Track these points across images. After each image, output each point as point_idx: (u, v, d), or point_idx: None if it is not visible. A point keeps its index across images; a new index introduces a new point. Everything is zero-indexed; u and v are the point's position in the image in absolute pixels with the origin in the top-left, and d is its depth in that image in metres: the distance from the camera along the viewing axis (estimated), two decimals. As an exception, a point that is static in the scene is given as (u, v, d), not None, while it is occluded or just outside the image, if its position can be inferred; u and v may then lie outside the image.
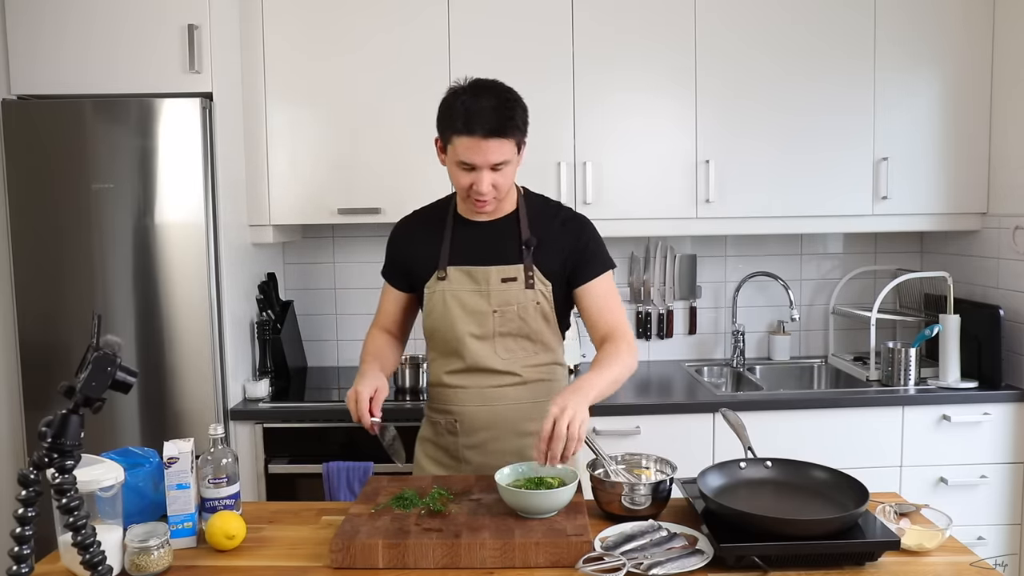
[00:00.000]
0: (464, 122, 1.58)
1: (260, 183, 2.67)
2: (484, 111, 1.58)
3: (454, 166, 1.64)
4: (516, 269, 1.72)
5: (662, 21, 2.67)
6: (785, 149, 2.72)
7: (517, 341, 1.75)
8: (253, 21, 2.63)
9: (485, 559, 1.33)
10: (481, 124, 1.57)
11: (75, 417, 1.09)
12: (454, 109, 1.60)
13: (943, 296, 2.70)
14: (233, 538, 1.41)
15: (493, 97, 1.60)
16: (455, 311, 1.73)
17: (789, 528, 1.31)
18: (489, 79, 1.66)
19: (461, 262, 1.74)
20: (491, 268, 1.72)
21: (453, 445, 1.78)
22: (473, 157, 1.60)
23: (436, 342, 1.79)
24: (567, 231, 1.76)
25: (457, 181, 1.66)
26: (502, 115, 1.59)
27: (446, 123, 1.63)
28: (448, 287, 1.73)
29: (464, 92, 1.62)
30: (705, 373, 3.01)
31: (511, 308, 1.72)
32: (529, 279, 1.72)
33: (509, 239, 1.74)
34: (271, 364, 2.75)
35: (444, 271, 1.74)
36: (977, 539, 2.55)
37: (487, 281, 1.72)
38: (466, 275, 1.73)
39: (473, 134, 1.58)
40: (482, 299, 1.72)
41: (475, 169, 1.61)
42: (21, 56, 2.39)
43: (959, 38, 2.71)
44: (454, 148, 1.61)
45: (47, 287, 2.37)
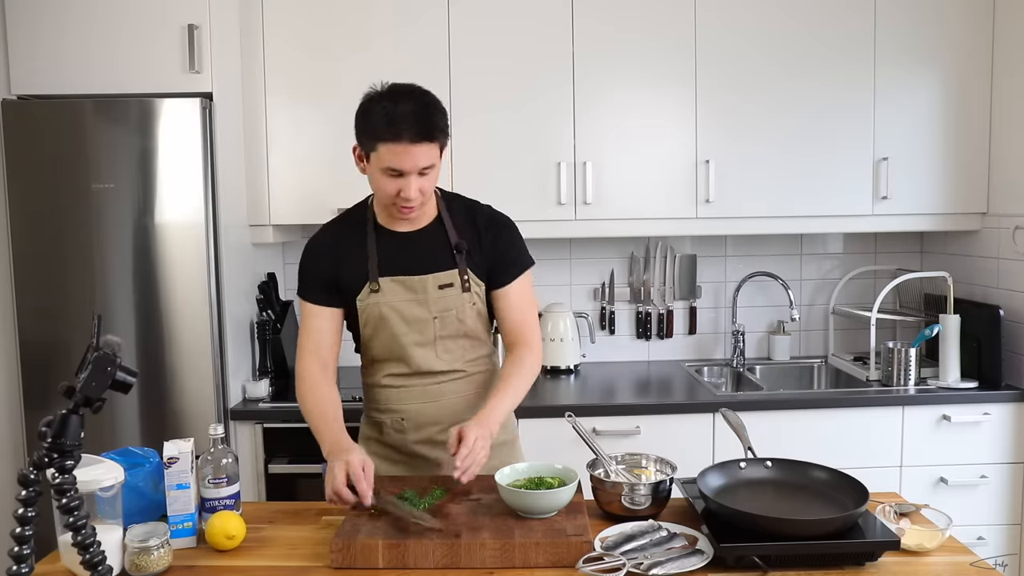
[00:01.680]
0: (389, 128, 1.54)
1: (260, 183, 2.67)
2: (407, 116, 1.54)
3: (379, 173, 1.60)
4: (451, 275, 1.72)
5: (662, 21, 2.68)
6: (785, 149, 2.72)
7: (456, 341, 1.76)
8: (253, 21, 2.63)
9: (485, 559, 1.33)
10: (407, 129, 1.54)
11: (75, 417, 1.09)
12: (376, 116, 1.56)
13: (943, 296, 2.70)
14: (233, 538, 1.41)
15: (413, 101, 1.57)
16: (394, 321, 1.71)
17: (789, 528, 1.31)
18: (406, 83, 1.62)
19: (394, 272, 1.70)
20: (427, 276, 1.70)
21: (402, 442, 1.79)
22: (402, 163, 1.56)
23: (375, 351, 1.77)
24: (489, 233, 1.76)
25: (383, 189, 1.62)
26: (426, 119, 1.56)
27: (369, 131, 1.58)
28: (383, 299, 1.70)
29: (384, 98, 1.58)
30: (705, 373, 3.01)
31: (450, 313, 1.72)
32: (465, 283, 1.72)
33: (439, 245, 1.73)
34: (271, 364, 2.75)
35: (377, 283, 1.70)
36: (977, 539, 2.55)
37: (424, 289, 1.70)
38: (401, 285, 1.70)
39: (400, 140, 1.54)
40: (421, 307, 1.71)
41: (402, 175, 1.58)
42: (21, 56, 2.39)
43: (959, 38, 2.71)
44: (379, 155, 1.58)
45: (47, 287, 2.37)
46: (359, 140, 1.63)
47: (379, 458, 1.81)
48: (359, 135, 1.63)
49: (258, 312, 2.77)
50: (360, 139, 1.63)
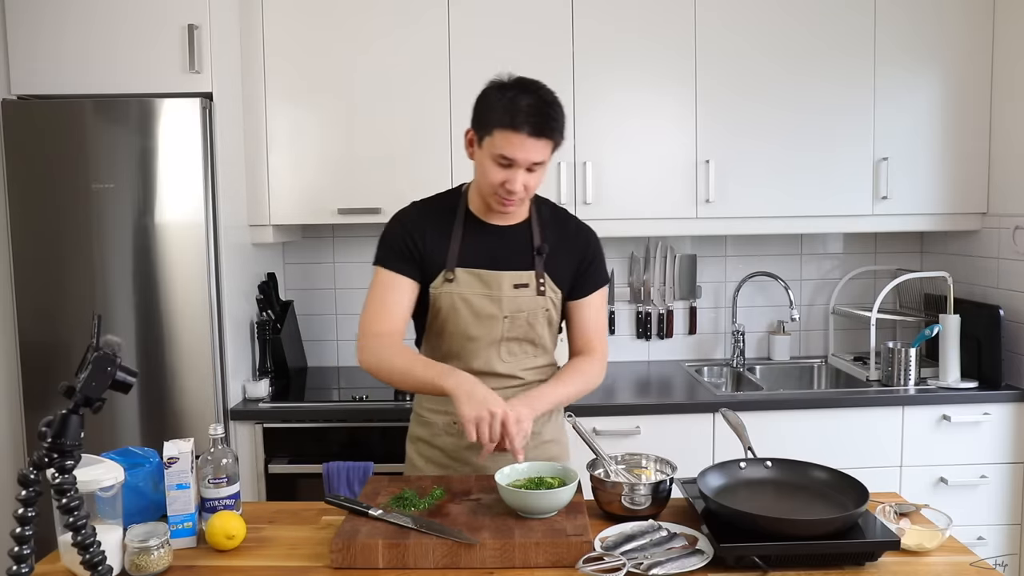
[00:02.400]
0: (512, 117, 1.55)
1: (260, 183, 2.67)
2: (530, 108, 1.55)
3: (489, 160, 1.59)
4: (528, 276, 1.70)
5: (662, 21, 2.68)
6: (785, 149, 2.72)
7: (520, 345, 1.75)
8: (253, 21, 2.63)
9: (485, 559, 1.32)
10: (527, 121, 1.54)
11: (75, 417, 1.09)
12: (499, 103, 1.57)
13: (943, 296, 2.70)
14: (233, 538, 1.41)
15: (537, 96, 1.58)
16: (464, 314, 1.68)
17: (789, 528, 1.31)
18: (531, 79, 1.63)
19: (471, 264, 1.69)
20: (504, 273, 1.68)
21: (451, 446, 1.77)
22: (515, 153, 1.56)
23: (438, 344, 1.76)
24: (578, 242, 1.76)
25: (489, 177, 1.60)
26: (547, 115, 1.57)
27: (488, 116, 1.59)
28: (456, 289, 1.68)
29: (510, 87, 1.59)
30: (705, 373, 3.01)
31: (521, 315, 1.70)
32: (540, 286, 1.71)
33: (521, 244, 1.72)
34: (271, 364, 2.75)
35: (452, 272, 1.68)
36: (977, 539, 2.55)
37: (499, 286, 1.68)
38: (476, 278, 1.68)
39: (519, 130, 1.55)
40: (493, 304, 1.68)
41: (512, 166, 1.58)
42: (21, 56, 2.39)
43: (959, 38, 2.71)
44: (493, 141, 1.57)
45: (47, 287, 2.37)
46: (475, 124, 1.63)
47: (427, 460, 1.79)
48: (476, 118, 1.63)
49: (258, 312, 2.77)
50: (476, 123, 1.63)
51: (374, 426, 2.49)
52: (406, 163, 2.67)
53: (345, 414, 2.50)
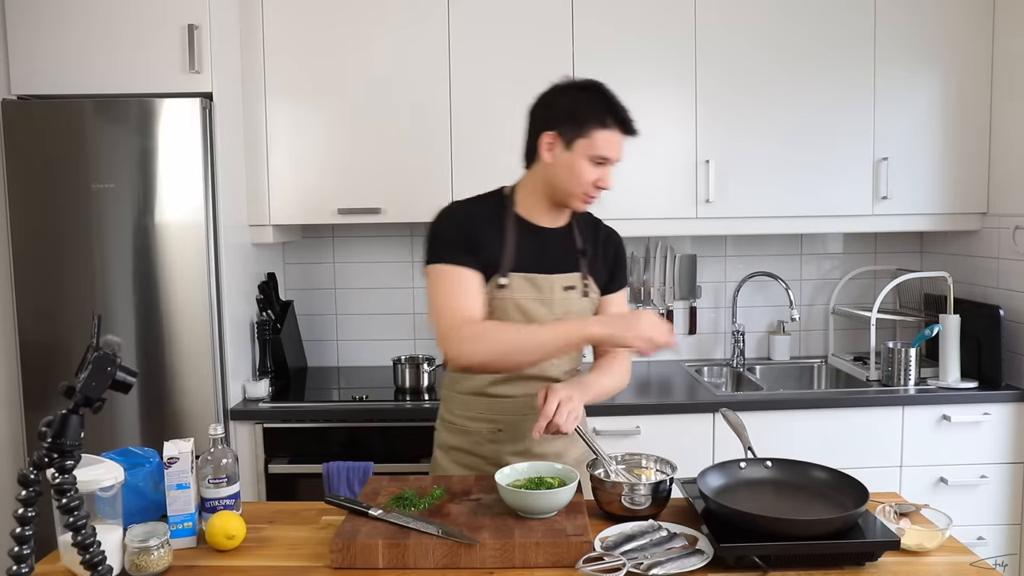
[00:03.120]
0: (614, 118, 1.59)
1: (260, 183, 2.67)
2: (618, 108, 1.60)
3: (583, 161, 1.61)
4: (575, 278, 1.72)
5: (662, 21, 2.68)
6: (785, 148, 2.72)
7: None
8: (253, 21, 2.63)
9: (485, 559, 1.32)
10: (626, 121, 1.60)
11: (75, 417, 1.09)
12: (594, 103, 1.60)
13: (943, 296, 2.70)
14: (233, 538, 1.41)
15: (616, 97, 1.62)
16: (517, 318, 1.67)
17: (789, 528, 1.31)
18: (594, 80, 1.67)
19: (524, 268, 1.68)
20: (554, 276, 1.69)
21: (495, 453, 1.74)
22: (614, 152, 1.61)
23: None
24: (608, 244, 1.81)
25: (582, 176, 1.62)
26: (630, 114, 1.63)
27: (583, 116, 1.60)
28: (510, 294, 1.66)
29: (593, 89, 1.62)
30: (705, 373, 3.01)
31: (570, 317, 1.70)
32: (585, 288, 1.73)
33: (566, 247, 1.74)
34: (271, 364, 2.75)
35: (507, 277, 1.66)
36: (977, 539, 2.55)
37: (551, 289, 1.69)
38: (529, 283, 1.68)
39: (617, 129, 1.60)
40: (544, 308, 1.68)
41: (605, 164, 1.62)
42: (21, 56, 2.39)
43: (959, 38, 2.71)
44: (591, 142, 1.60)
45: (47, 287, 2.37)
46: (562, 125, 1.62)
47: (465, 468, 1.76)
48: (564, 120, 1.62)
49: (258, 312, 2.77)
50: (565, 124, 1.62)
51: (374, 426, 2.49)
52: (406, 163, 2.67)
53: (345, 414, 2.50)
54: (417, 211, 2.70)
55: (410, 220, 2.71)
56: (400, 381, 2.69)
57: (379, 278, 3.11)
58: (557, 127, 1.63)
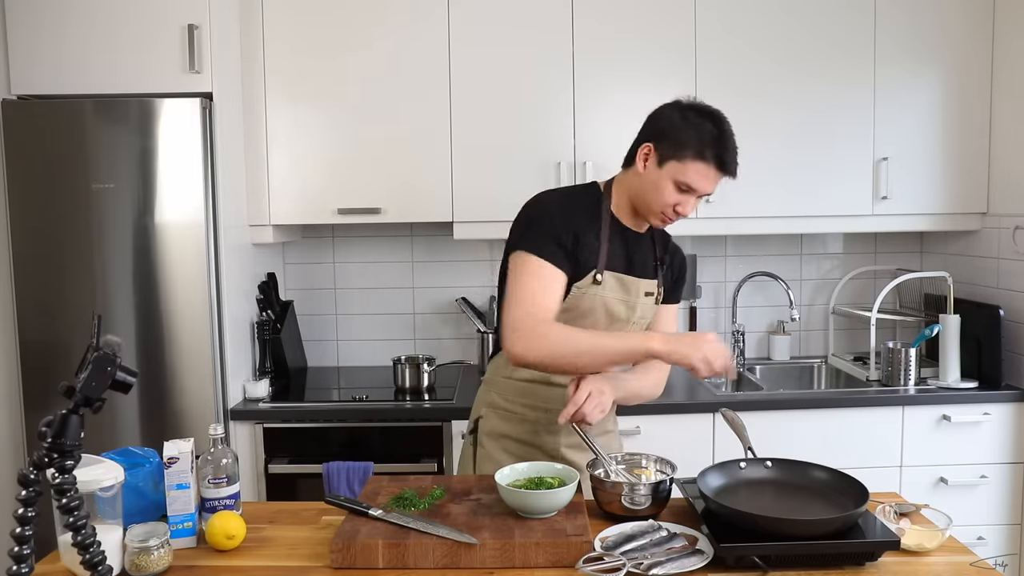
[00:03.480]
0: (715, 153, 1.57)
1: (260, 183, 2.67)
2: (724, 144, 1.58)
3: (668, 183, 1.60)
4: (653, 284, 1.75)
5: (662, 21, 2.68)
6: (785, 148, 2.72)
7: None
8: (253, 21, 2.63)
9: (485, 559, 1.32)
10: (728, 160, 1.58)
11: (75, 417, 1.09)
12: (702, 132, 1.57)
13: (943, 296, 2.70)
14: (233, 538, 1.41)
15: (724, 131, 1.59)
16: (601, 317, 1.69)
17: (789, 528, 1.31)
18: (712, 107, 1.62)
19: (616, 268, 1.69)
20: (640, 280, 1.72)
21: (552, 444, 1.76)
22: (701, 186, 1.59)
23: None
24: (675, 258, 1.83)
25: (662, 198, 1.62)
26: (735, 152, 1.61)
27: (686, 141, 1.58)
28: (602, 292, 1.68)
29: (698, 114, 1.59)
30: (705, 373, 3.01)
31: (643, 321, 1.76)
32: (659, 295, 1.77)
33: (649, 253, 1.76)
34: (271, 364, 2.75)
35: (602, 274, 1.67)
36: (977, 539, 2.55)
37: (636, 292, 1.71)
38: (619, 283, 1.70)
39: (715, 165, 1.58)
40: (627, 309, 1.71)
41: (691, 192, 1.61)
42: (21, 56, 2.39)
43: (959, 38, 2.71)
44: (684, 169, 1.58)
45: (47, 287, 2.37)
46: (659, 142, 1.61)
47: (516, 458, 1.75)
48: (666, 138, 1.60)
49: (258, 312, 2.77)
50: (665, 142, 1.60)
51: (374, 426, 2.49)
52: (406, 163, 2.67)
53: (345, 414, 2.50)
54: (417, 211, 2.70)
55: (410, 220, 2.72)
56: (400, 381, 2.69)
57: (379, 278, 3.11)
58: (657, 141, 1.62)
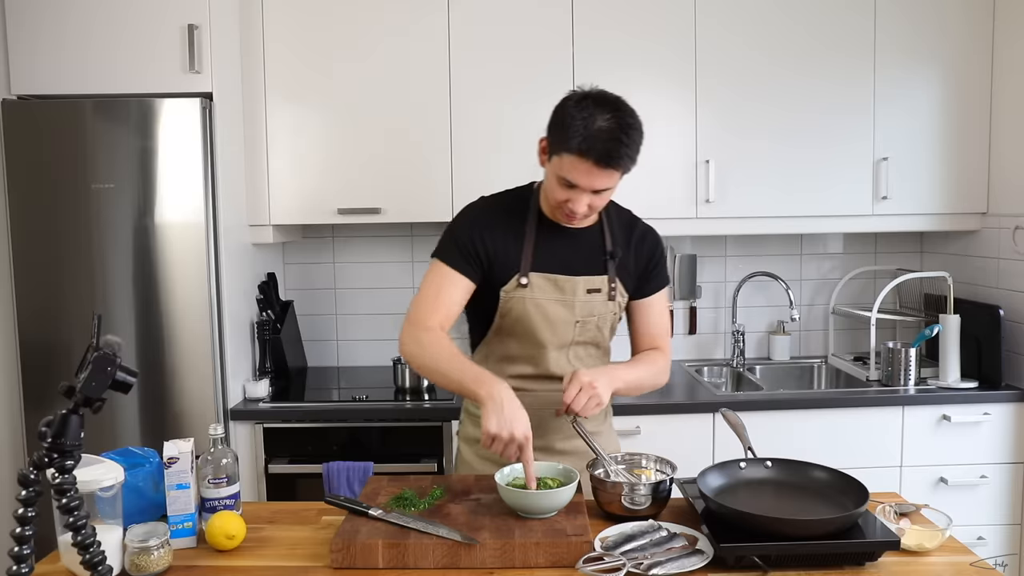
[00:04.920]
0: (580, 143, 1.48)
1: (260, 183, 2.67)
2: (603, 135, 1.47)
3: (554, 178, 1.57)
4: (601, 280, 1.69)
5: (662, 21, 2.68)
6: (785, 148, 2.72)
7: (587, 349, 1.74)
8: (253, 21, 2.63)
9: (485, 559, 1.32)
10: (597, 151, 1.48)
11: (75, 417, 1.09)
12: (572, 125, 1.49)
13: (943, 296, 2.70)
14: (233, 538, 1.41)
15: (614, 120, 1.49)
16: (537, 320, 1.66)
17: (789, 528, 1.31)
18: (613, 95, 1.54)
19: (546, 269, 1.66)
20: (578, 279, 1.67)
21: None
22: (579, 180, 1.52)
23: (504, 347, 1.72)
24: (644, 245, 1.76)
25: (553, 194, 1.59)
26: (620, 145, 1.49)
27: (560, 135, 1.52)
28: (530, 295, 1.65)
29: (586, 106, 1.50)
30: (705, 373, 3.01)
31: (592, 319, 1.70)
32: (612, 291, 1.70)
33: (594, 248, 1.70)
34: (271, 364, 2.75)
35: (527, 277, 1.64)
36: (977, 539, 2.55)
37: (573, 292, 1.67)
38: (551, 284, 1.66)
39: (586, 158, 1.49)
40: (566, 309, 1.67)
41: (575, 188, 1.55)
42: (21, 56, 2.39)
43: (959, 38, 2.71)
44: (560, 163, 1.53)
45: (47, 287, 2.37)
46: (548, 135, 1.58)
47: (488, 461, 1.75)
48: (550, 132, 1.57)
49: (258, 312, 2.77)
50: (550, 136, 1.57)
51: (374, 426, 2.49)
52: (406, 163, 2.67)
53: (345, 414, 2.50)
54: (417, 211, 2.70)
55: (410, 220, 2.72)
56: (400, 381, 2.69)
57: (379, 278, 3.11)
58: (548, 134, 1.59)
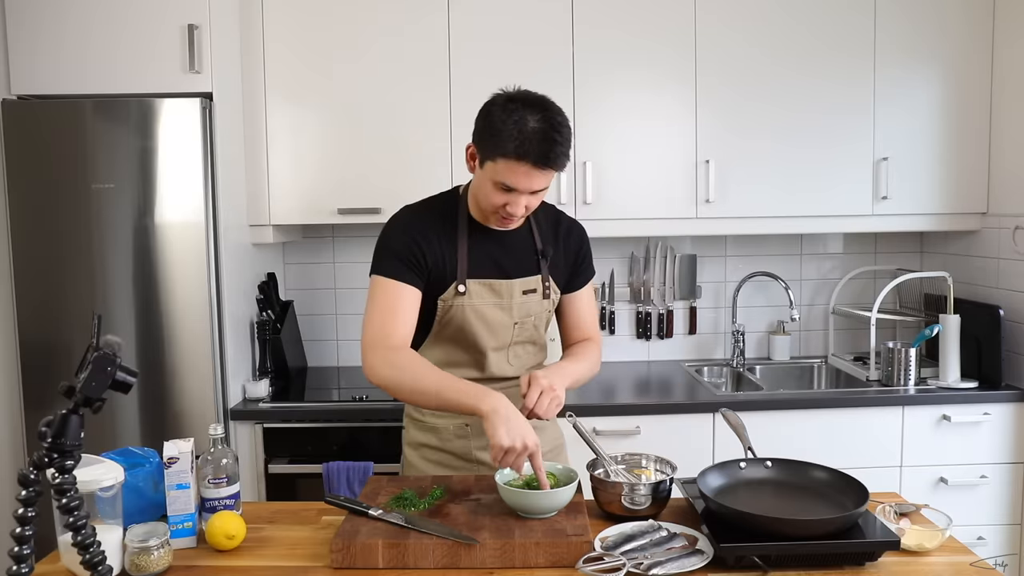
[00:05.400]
0: (516, 147, 1.46)
1: (260, 183, 2.67)
2: (536, 137, 1.46)
3: (489, 184, 1.54)
4: (535, 280, 1.70)
5: (662, 21, 2.68)
6: (785, 148, 2.72)
7: (525, 347, 1.76)
8: (253, 21, 2.63)
9: (485, 559, 1.32)
10: (533, 153, 1.46)
11: (75, 417, 1.09)
12: (504, 129, 1.47)
13: (943, 296, 2.70)
14: (233, 538, 1.41)
15: (546, 121, 1.48)
16: (476, 326, 1.66)
17: (789, 528, 1.31)
18: (539, 95, 1.53)
19: (481, 275, 1.65)
20: (514, 281, 1.67)
21: (464, 448, 1.75)
22: (517, 183, 1.51)
23: (445, 352, 1.72)
24: (571, 240, 1.77)
25: (488, 199, 1.56)
26: (555, 144, 1.48)
27: (491, 141, 1.50)
28: (469, 301, 1.65)
29: (515, 110, 1.48)
30: (705, 373, 3.01)
31: (529, 319, 1.71)
32: (546, 289, 1.71)
33: (525, 249, 1.70)
34: (271, 364, 2.75)
35: (464, 284, 1.64)
36: (977, 539, 2.55)
37: (510, 295, 1.67)
38: (488, 288, 1.66)
39: (523, 161, 1.47)
40: (504, 313, 1.67)
41: (513, 191, 1.53)
42: (21, 56, 2.39)
43: (959, 38, 2.71)
44: (495, 168, 1.51)
45: (47, 287, 2.37)
46: (477, 142, 1.55)
47: (436, 464, 1.77)
48: (480, 138, 1.54)
49: (258, 312, 2.77)
50: (478, 142, 1.55)
51: (374, 426, 2.49)
52: (406, 163, 2.67)
53: (345, 414, 2.50)
54: (417, 211, 2.69)
55: (410, 220, 2.71)
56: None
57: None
58: (475, 141, 1.56)
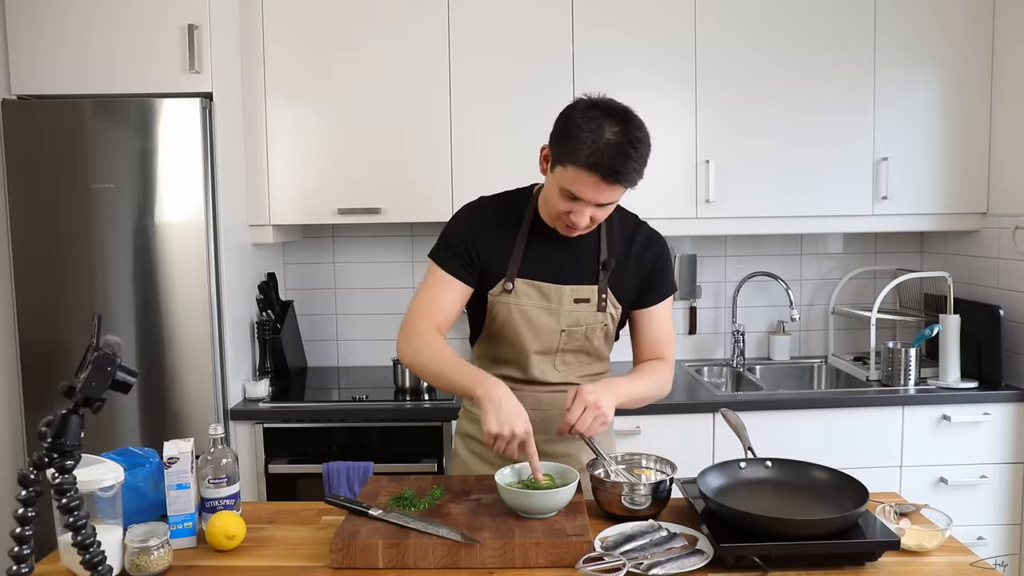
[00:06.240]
0: (587, 157, 1.42)
1: (260, 183, 2.67)
2: (610, 150, 1.42)
3: (557, 189, 1.51)
4: (591, 290, 1.64)
5: (662, 22, 2.68)
6: (785, 149, 2.72)
7: (576, 356, 1.72)
8: (253, 21, 2.63)
9: (485, 559, 1.32)
10: (604, 165, 1.42)
11: (75, 417, 1.09)
12: (579, 136, 1.43)
13: (943, 296, 2.70)
14: (233, 538, 1.41)
15: (623, 134, 1.43)
16: (521, 327, 1.64)
17: (789, 528, 1.31)
18: (622, 106, 1.48)
19: (533, 276, 1.63)
20: (565, 287, 1.63)
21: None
22: (584, 193, 1.47)
23: (493, 349, 1.72)
24: (646, 253, 1.69)
25: (554, 204, 1.53)
26: (627, 160, 1.43)
27: (565, 146, 1.46)
28: (515, 300, 1.63)
29: (594, 117, 1.44)
30: (705, 373, 3.01)
31: (579, 329, 1.66)
32: (602, 302, 1.65)
33: (588, 257, 1.65)
34: (271, 364, 2.75)
35: (512, 283, 1.62)
36: (977, 539, 2.55)
37: (560, 300, 1.63)
38: (537, 291, 1.63)
39: (593, 172, 1.43)
40: (551, 318, 1.64)
41: (579, 200, 1.49)
42: (21, 56, 2.39)
43: (959, 38, 2.71)
44: (564, 174, 1.47)
45: (47, 287, 2.37)
46: (552, 145, 1.52)
47: (476, 457, 1.76)
48: (555, 141, 1.51)
49: (258, 312, 2.77)
50: (554, 145, 1.51)
51: (374, 426, 2.49)
52: (406, 163, 2.67)
53: (345, 414, 2.50)
54: (417, 211, 2.70)
55: (410, 220, 2.72)
56: (400, 381, 2.69)
57: (379, 278, 3.11)
58: (552, 143, 1.53)
